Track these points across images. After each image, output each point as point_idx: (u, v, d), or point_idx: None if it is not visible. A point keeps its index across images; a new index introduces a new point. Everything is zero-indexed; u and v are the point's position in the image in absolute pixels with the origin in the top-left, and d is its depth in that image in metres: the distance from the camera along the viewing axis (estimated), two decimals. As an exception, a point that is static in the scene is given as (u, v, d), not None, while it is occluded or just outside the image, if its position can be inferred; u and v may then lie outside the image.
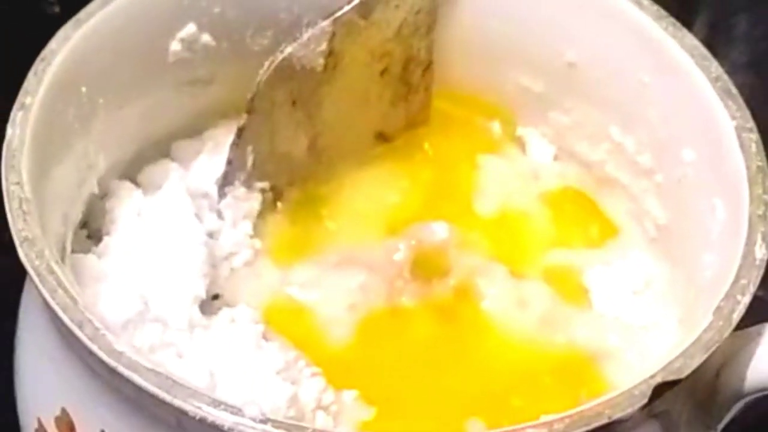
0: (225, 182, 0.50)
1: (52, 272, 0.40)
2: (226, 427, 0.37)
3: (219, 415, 0.37)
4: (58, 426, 0.43)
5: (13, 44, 0.47)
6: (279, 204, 0.51)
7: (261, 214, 0.51)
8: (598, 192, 0.53)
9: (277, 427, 0.36)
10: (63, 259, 0.45)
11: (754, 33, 0.68)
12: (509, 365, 0.47)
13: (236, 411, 0.37)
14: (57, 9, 0.73)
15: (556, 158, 0.54)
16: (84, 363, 0.40)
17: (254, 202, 0.50)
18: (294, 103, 0.50)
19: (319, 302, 0.48)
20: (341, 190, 0.52)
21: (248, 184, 0.50)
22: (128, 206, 0.49)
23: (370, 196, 0.52)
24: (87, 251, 0.47)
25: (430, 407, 0.46)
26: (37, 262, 0.40)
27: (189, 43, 0.50)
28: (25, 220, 0.41)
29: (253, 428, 0.36)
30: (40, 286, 0.39)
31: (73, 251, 0.47)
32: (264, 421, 0.37)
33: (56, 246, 0.44)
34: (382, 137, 0.53)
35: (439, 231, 0.50)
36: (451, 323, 0.48)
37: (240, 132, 0.49)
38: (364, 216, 0.52)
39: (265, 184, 0.51)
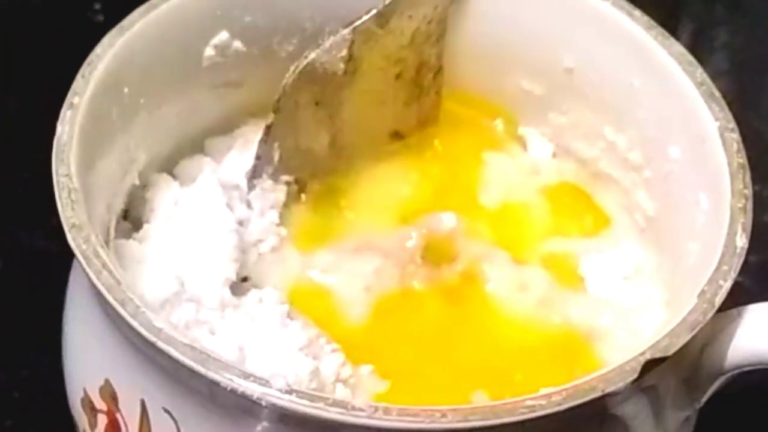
0: (254, 175, 0.50)
1: (97, 256, 0.40)
2: (254, 397, 0.37)
3: (248, 386, 0.37)
4: (101, 395, 0.43)
5: (63, 49, 0.47)
6: (302, 195, 0.51)
7: (286, 205, 0.51)
8: (592, 186, 0.53)
9: (301, 398, 0.37)
10: (107, 243, 0.45)
11: (734, 43, 0.67)
12: (511, 343, 0.47)
13: (264, 382, 0.37)
14: (101, 18, 0.74)
15: (554, 155, 0.54)
16: (126, 338, 0.40)
17: (280, 193, 0.50)
18: (317, 103, 0.50)
19: (338, 285, 0.48)
20: (359, 183, 0.52)
21: (275, 177, 0.50)
22: (166, 196, 0.49)
23: (385, 189, 0.52)
24: (128, 237, 0.47)
25: (439, 380, 0.45)
26: (83, 247, 0.40)
27: (222, 49, 0.50)
28: (73, 209, 0.41)
29: (279, 398, 0.37)
30: (86, 268, 0.40)
31: (116, 237, 0.47)
32: (289, 392, 0.37)
33: (101, 232, 0.44)
34: (396, 135, 0.53)
35: (448, 221, 0.50)
36: (458, 304, 0.48)
37: (267, 130, 0.49)
38: (380, 206, 0.52)
39: (290, 177, 0.51)
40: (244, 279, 0.48)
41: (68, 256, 0.44)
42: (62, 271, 0.46)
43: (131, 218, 0.49)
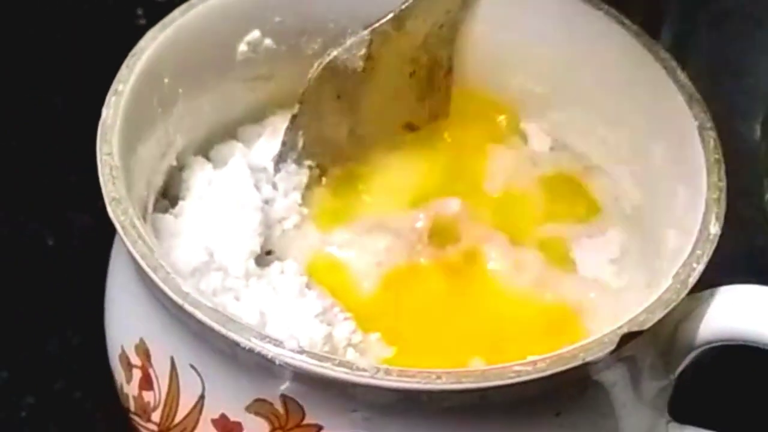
0: (280, 160, 0.50)
1: (133, 227, 0.40)
2: (270, 356, 0.37)
3: (265, 347, 0.37)
4: (136, 352, 0.43)
5: (108, 49, 0.47)
6: (323, 179, 0.51)
7: (308, 187, 0.50)
8: (585, 177, 0.52)
9: (311, 358, 0.37)
10: (145, 217, 0.45)
11: (713, 48, 0.67)
12: (506, 315, 0.47)
13: (278, 343, 0.37)
14: (144, 21, 0.74)
15: (551, 149, 0.53)
16: (158, 301, 0.40)
17: (303, 176, 0.50)
18: (338, 97, 0.50)
19: (353, 260, 0.48)
20: (375, 170, 0.52)
21: (298, 162, 0.50)
22: (200, 177, 0.49)
23: (398, 175, 0.52)
24: (165, 212, 0.48)
25: (440, 347, 0.45)
26: (122, 218, 0.40)
27: (254, 46, 0.50)
28: (114, 184, 0.41)
29: (292, 358, 0.37)
30: (123, 237, 0.40)
31: (153, 212, 0.47)
32: (300, 353, 0.37)
33: (139, 207, 0.44)
34: (409, 127, 0.53)
35: (453, 205, 0.50)
36: (460, 280, 0.48)
37: (293, 119, 0.49)
38: (393, 191, 0.52)
39: (312, 163, 0.50)
40: (268, 252, 0.48)
41: (111, 234, 0.44)
42: (106, 247, 0.47)
43: (168, 196, 0.49)
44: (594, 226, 0.51)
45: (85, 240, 0.61)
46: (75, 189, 0.63)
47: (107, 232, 0.44)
